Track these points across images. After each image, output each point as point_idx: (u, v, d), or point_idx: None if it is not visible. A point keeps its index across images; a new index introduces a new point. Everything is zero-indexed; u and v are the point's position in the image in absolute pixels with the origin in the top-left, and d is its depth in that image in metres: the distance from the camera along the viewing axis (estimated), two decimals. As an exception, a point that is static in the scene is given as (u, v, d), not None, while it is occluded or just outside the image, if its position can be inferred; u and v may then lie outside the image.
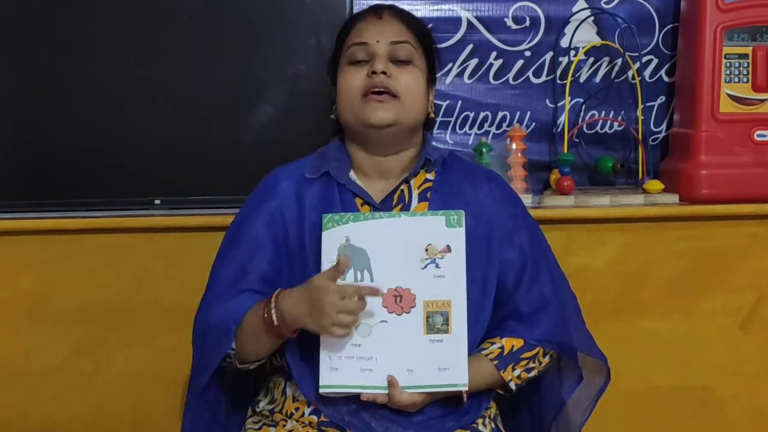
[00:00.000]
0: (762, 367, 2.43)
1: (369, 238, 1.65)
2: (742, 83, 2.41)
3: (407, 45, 1.74)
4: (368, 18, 1.78)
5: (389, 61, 1.72)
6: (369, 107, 1.70)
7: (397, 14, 1.79)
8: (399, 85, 1.71)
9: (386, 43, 1.72)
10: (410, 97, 1.72)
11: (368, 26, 1.75)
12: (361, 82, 1.71)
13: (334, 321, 1.57)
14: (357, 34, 1.75)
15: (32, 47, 2.36)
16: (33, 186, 2.39)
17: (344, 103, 1.74)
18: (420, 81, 1.75)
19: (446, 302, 1.64)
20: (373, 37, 1.72)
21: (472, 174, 1.81)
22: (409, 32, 1.76)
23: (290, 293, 1.62)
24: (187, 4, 2.37)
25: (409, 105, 1.72)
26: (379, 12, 1.78)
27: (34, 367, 2.33)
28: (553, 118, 2.59)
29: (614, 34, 2.57)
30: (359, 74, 1.72)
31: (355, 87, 1.71)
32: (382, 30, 1.74)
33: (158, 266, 2.32)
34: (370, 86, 1.70)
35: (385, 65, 1.70)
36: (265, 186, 1.79)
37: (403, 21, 1.77)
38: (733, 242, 2.40)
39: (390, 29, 1.74)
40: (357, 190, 1.75)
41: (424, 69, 1.77)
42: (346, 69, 1.74)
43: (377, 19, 1.76)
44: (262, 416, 1.77)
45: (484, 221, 1.74)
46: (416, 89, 1.73)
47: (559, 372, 1.85)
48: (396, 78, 1.71)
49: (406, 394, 1.62)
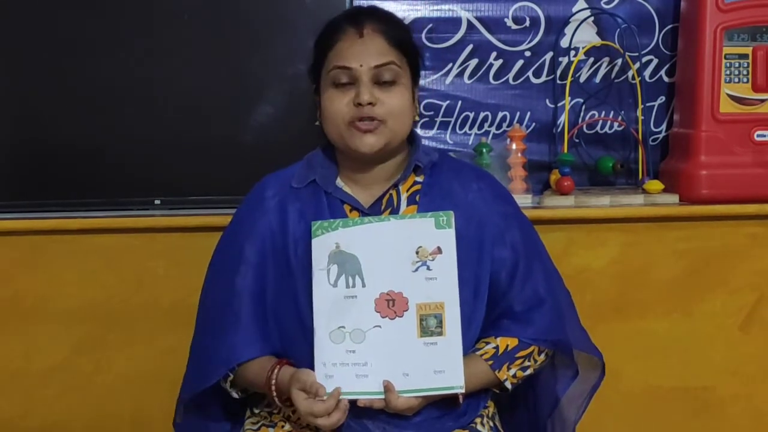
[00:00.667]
0: (762, 368, 2.43)
1: (359, 243, 1.65)
2: (742, 83, 2.41)
3: (392, 66, 1.68)
4: (349, 35, 1.70)
5: (374, 84, 1.68)
6: (357, 135, 1.68)
7: (379, 27, 1.71)
8: (386, 111, 1.68)
9: (370, 67, 1.67)
10: (398, 119, 1.69)
11: (350, 47, 1.69)
12: (346, 109, 1.68)
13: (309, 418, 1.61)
14: (339, 55, 1.69)
15: (33, 48, 2.36)
16: (33, 186, 2.40)
17: (330, 126, 1.71)
18: (406, 97, 1.71)
19: (439, 304, 1.63)
20: (356, 61, 1.67)
21: (461, 174, 1.79)
22: (392, 49, 1.70)
23: (284, 374, 1.65)
24: (187, 5, 2.37)
25: (397, 126, 1.70)
26: (360, 26, 1.70)
27: (34, 367, 2.33)
28: (553, 118, 2.59)
29: (614, 35, 2.56)
30: (344, 98, 1.68)
31: (340, 114, 1.68)
32: (365, 51, 1.68)
33: (158, 266, 2.32)
34: (356, 116, 1.67)
35: (370, 94, 1.66)
36: (251, 199, 1.79)
37: (386, 36, 1.70)
38: (733, 242, 2.40)
39: (372, 49, 1.68)
40: (345, 197, 1.74)
41: (409, 81, 1.73)
42: (330, 91, 1.70)
43: (358, 38, 1.69)
44: (261, 417, 1.77)
45: (475, 221, 1.73)
46: (403, 109, 1.70)
47: (553, 369, 1.85)
48: (382, 103, 1.67)
49: (403, 399, 1.61)
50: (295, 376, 1.61)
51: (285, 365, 1.66)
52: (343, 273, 1.64)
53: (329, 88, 1.70)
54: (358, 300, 1.64)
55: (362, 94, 1.66)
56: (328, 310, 1.64)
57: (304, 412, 1.59)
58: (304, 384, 1.59)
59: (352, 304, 1.63)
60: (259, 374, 1.67)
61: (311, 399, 1.59)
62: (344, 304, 1.64)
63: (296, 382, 1.60)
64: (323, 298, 1.64)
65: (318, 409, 1.58)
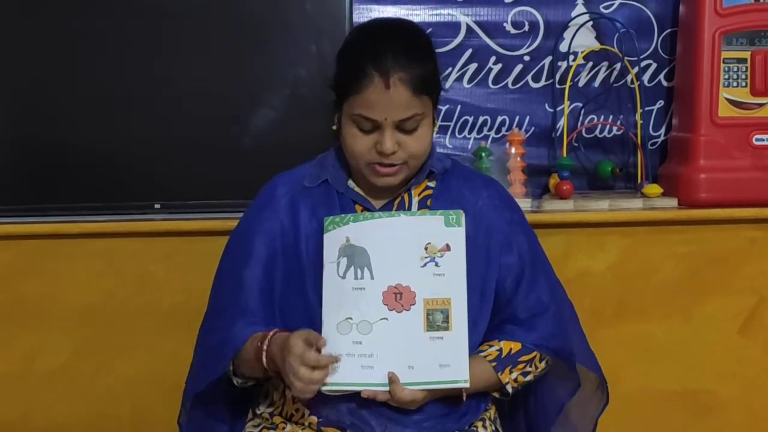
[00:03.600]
0: (761, 371, 2.43)
1: (369, 237, 1.66)
2: (741, 87, 2.41)
3: (416, 117, 1.66)
4: (375, 84, 1.63)
5: (397, 129, 1.66)
6: (375, 175, 1.69)
7: (405, 77, 1.64)
8: (407, 155, 1.67)
9: (394, 120, 1.65)
10: (419, 159, 1.70)
11: (376, 99, 1.63)
12: (367, 151, 1.67)
13: (294, 380, 1.57)
14: (364, 105, 1.64)
15: (34, 51, 2.37)
16: (35, 190, 2.40)
17: (349, 156, 1.71)
18: (428, 133, 1.70)
19: (446, 300, 1.64)
20: (382, 114, 1.64)
21: (470, 181, 1.80)
22: (417, 99, 1.66)
23: (279, 337, 1.63)
24: (187, 9, 2.38)
25: (417, 165, 1.71)
26: (386, 76, 1.63)
27: (36, 370, 2.33)
28: (552, 122, 2.59)
29: (613, 39, 2.57)
30: (366, 141, 1.66)
31: (362, 155, 1.68)
32: (390, 104, 1.64)
33: (159, 270, 2.32)
34: (377, 160, 1.67)
35: (392, 143, 1.65)
36: (263, 196, 1.79)
37: (411, 85, 1.64)
38: (732, 246, 2.40)
39: (398, 102, 1.64)
40: (356, 197, 1.75)
41: (431, 114, 1.71)
42: (352, 130, 1.67)
43: (384, 89, 1.63)
44: (263, 419, 1.77)
45: (484, 227, 1.75)
46: (424, 149, 1.70)
47: (556, 378, 1.85)
48: (404, 148, 1.67)
49: (408, 391, 1.62)
50: (299, 330, 1.59)
51: (280, 331, 1.65)
52: (352, 265, 1.65)
53: (351, 126, 1.68)
54: (366, 292, 1.64)
55: (386, 144, 1.65)
56: (337, 301, 1.64)
57: (295, 354, 1.55)
58: (308, 334, 1.58)
59: (360, 295, 1.64)
60: (252, 342, 1.66)
61: (308, 348, 1.56)
62: (352, 295, 1.64)
63: (299, 333, 1.58)
64: (332, 289, 1.65)
65: (310, 357, 1.56)
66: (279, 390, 1.76)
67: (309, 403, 1.70)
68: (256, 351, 1.64)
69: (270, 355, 1.63)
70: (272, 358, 1.62)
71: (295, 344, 1.57)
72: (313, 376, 1.57)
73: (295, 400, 1.72)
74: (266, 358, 1.63)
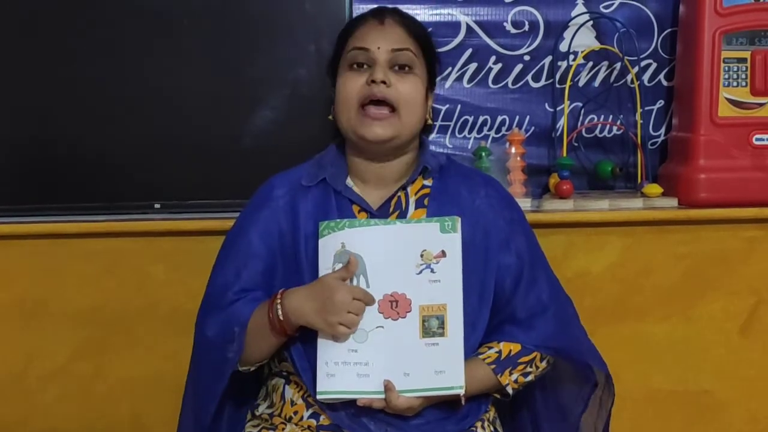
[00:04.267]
0: (761, 371, 2.43)
1: (364, 244, 1.66)
2: (741, 87, 2.41)
3: (408, 52, 1.72)
4: (370, 22, 1.76)
5: (389, 69, 1.71)
6: (366, 122, 1.70)
7: (400, 20, 1.77)
8: (398, 95, 1.70)
9: (387, 50, 1.71)
10: (409, 108, 1.72)
11: (370, 31, 1.74)
12: (360, 88, 1.71)
13: (341, 319, 1.61)
14: (358, 38, 1.74)
15: (33, 53, 2.37)
16: (33, 190, 2.40)
17: (342, 111, 1.74)
18: (419, 89, 1.74)
19: (442, 306, 1.64)
20: (375, 43, 1.71)
21: (469, 179, 1.81)
22: (410, 39, 1.74)
23: (296, 291, 1.65)
24: (186, 10, 2.37)
25: (406, 117, 1.72)
26: (381, 16, 1.76)
27: (34, 372, 2.33)
28: (552, 122, 2.59)
29: (613, 39, 2.57)
30: (359, 80, 1.71)
31: (353, 94, 1.71)
32: (384, 36, 1.72)
33: (158, 270, 2.32)
34: (368, 95, 1.69)
35: (384, 74, 1.69)
36: (260, 195, 1.80)
37: (406, 27, 1.75)
38: (731, 246, 2.40)
39: (392, 35, 1.73)
40: (354, 197, 1.75)
41: (424, 76, 1.76)
42: (346, 74, 1.73)
43: (379, 24, 1.74)
44: (262, 420, 1.77)
45: (482, 227, 1.75)
46: (415, 98, 1.73)
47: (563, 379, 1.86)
48: (395, 87, 1.70)
49: (403, 398, 1.62)
50: (321, 282, 1.64)
51: (285, 290, 1.66)
52: None
53: (346, 71, 1.73)
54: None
55: (376, 73, 1.69)
56: None
57: (344, 290, 1.60)
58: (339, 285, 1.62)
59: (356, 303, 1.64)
60: (260, 310, 1.67)
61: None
62: None
63: (329, 275, 1.63)
64: None
65: (360, 292, 1.62)
66: (278, 392, 1.76)
67: (308, 406, 1.70)
68: (267, 315, 1.64)
69: (288, 311, 1.63)
70: (290, 315, 1.63)
71: (339, 284, 1.61)
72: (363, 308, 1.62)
73: (293, 402, 1.72)
74: (282, 314, 1.63)
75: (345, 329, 1.62)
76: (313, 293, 1.63)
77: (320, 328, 1.63)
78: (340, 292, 1.61)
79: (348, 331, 1.62)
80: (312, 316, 1.62)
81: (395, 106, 1.70)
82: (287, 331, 1.65)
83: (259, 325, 1.67)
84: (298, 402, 1.72)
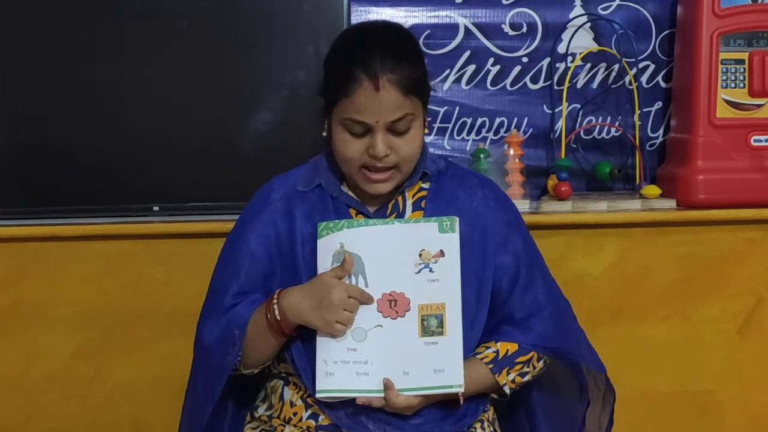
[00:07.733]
0: (760, 372, 2.43)
1: (363, 244, 1.66)
2: (739, 88, 2.41)
3: (407, 117, 1.66)
4: (365, 88, 1.63)
5: (388, 131, 1.65)
6: (368, 182, 1.69)
7: (395, 79, 1.63)
8: (399, 157, 1.67)
9: (386, 123, 1.65)
10: (410, 163, 1.70)
11: (366, 102, 1.63)
12: (359, 155, 1.66)
13: (338, 317, 1.61)
14: (354, 109, 1.64)
15: (31, 54, 2.37)
16: (33, 193, 2.40)
17: (340, 161, 1.71)
18: (419, 138, 1.70)
19: (440, 305, 1.65)
20: (372, 117, 1.64)
21: (465, 181, 1.80)
22: (408, 99, 1.65)
23: (293, 290, 1.66)
24: (185, 13, 2.38)
25: (408, 169, 1.71)
26: (376, 79, 1.62)
27: (34, 374, 2.33)
28: (551, 123, 2.59)
29: (611, 40, 2.57)
30: (357, 146, 1.66)
31: (353, 157, 1.67)
32: (381, 106, 1.63)
33: (157, 272, 2.32)
34: (369, 164, 1.67)
35: (385, 146, 1.65)
36: (258, 199, 1.79)
37: (402, 88, 1.64)
38: (730, 247, 2.40)
39: (388, 104, 1.63)
40: (350, 201, 1.75)
41: (422, 116, 1.70)
42: (343, 134, 1.67)
43: (375, 92, 1.63)
44: (261, 422, 1.78)
45: (479, 228, 1.75)
46: (416, 150, 1.70)
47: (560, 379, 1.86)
48: (396, 151, 1.66)
49: (402, 397, 1.63)
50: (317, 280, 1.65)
51: (282, 290, 1.67)
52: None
53: (342, 131, 1.67)
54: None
55: (377, 147, 1.64)
56: None
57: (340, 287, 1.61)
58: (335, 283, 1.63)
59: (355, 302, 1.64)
60: (258, 312, 1.67)
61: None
62: None
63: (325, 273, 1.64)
64: None
65: (356, 290, 1.62)
66: (277, 393, 1.76)
67: (307, 406, 1.70)
68: (265, 317, 1.65)
69: (285, 310, 1.64)
70: (288, 314, 1.64)
71: (335, 282, 1.62)
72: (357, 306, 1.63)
73: (292, 403, 1.73)
74: (279, 314, 1.64)
75: (342, 327, 1.62)
76: (310, 291, 1.63)
77: (317, 326, 1.63)
78: (336, 290, 1.61)
79: (343, 329, 1.63)
80: (309, 314, 1.62)
81: (397, 165, 1.68)
82: (285, 330, 1.65)
83: (259, 326, 1.67)
84: (298, 403, 1.72)
